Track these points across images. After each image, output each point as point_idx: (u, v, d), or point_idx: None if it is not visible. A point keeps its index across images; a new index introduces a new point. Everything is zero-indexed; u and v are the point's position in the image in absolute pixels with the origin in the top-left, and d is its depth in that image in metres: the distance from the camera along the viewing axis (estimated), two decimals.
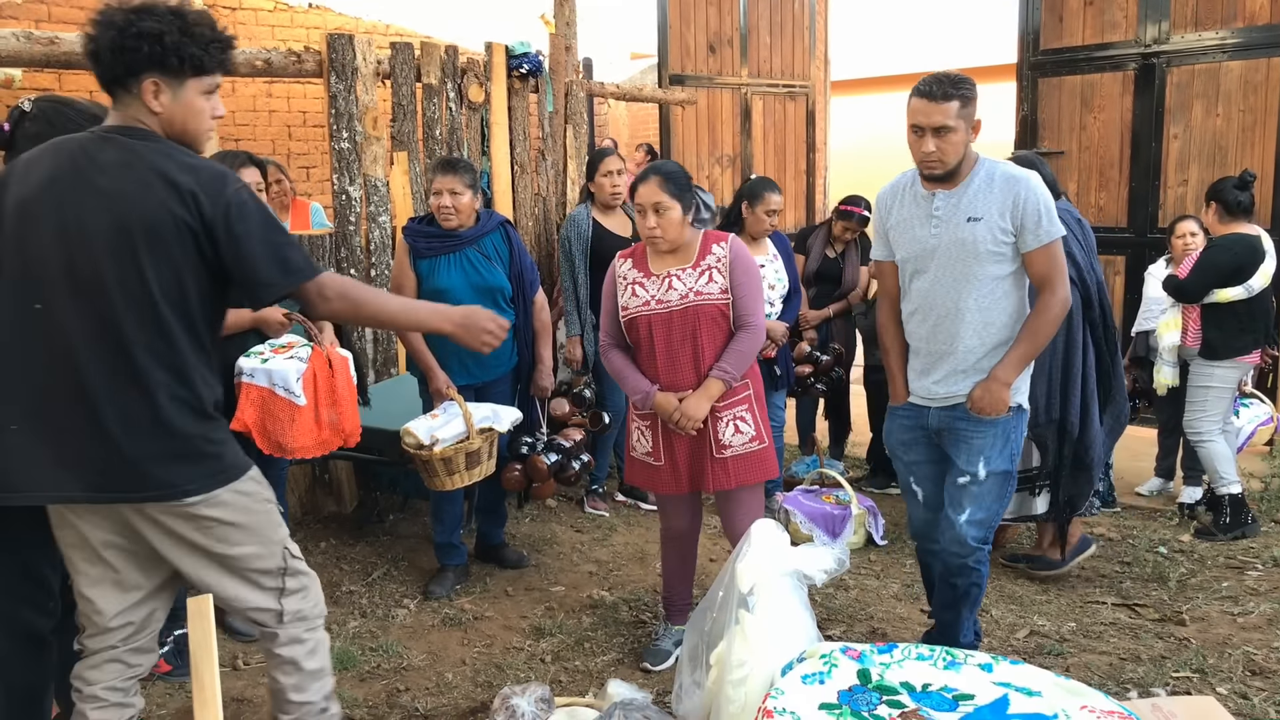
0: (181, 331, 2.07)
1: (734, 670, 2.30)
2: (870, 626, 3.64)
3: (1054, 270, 2.83)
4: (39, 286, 2.03)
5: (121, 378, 2.03)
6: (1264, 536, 4.48)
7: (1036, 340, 2.88)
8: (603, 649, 3.45)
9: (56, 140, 2.11)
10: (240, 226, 2.05)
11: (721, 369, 3.06)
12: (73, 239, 2.01)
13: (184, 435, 2.08)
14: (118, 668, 2.23)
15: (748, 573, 2.38)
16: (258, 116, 8.04)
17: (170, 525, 2.11)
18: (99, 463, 2.04)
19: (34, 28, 6.31)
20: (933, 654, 2.19)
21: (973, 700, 2.01)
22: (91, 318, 2.02)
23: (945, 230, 2.86)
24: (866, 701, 2.01)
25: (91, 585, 2.16)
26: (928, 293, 2.93)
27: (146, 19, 2.01)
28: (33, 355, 2.04)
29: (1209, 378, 4.53)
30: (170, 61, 2.03)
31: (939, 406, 2.98)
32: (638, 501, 5.00)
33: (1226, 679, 3.17)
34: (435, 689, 3.19)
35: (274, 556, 2.26)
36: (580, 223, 4.67)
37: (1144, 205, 6.42)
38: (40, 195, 2.04)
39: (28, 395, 2.05)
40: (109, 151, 2.04)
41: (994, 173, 2.85)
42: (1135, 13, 6.32)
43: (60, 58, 3.69)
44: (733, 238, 3.18)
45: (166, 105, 2.07)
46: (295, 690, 2.31)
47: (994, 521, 3.00)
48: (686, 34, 7.08)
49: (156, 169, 2.02)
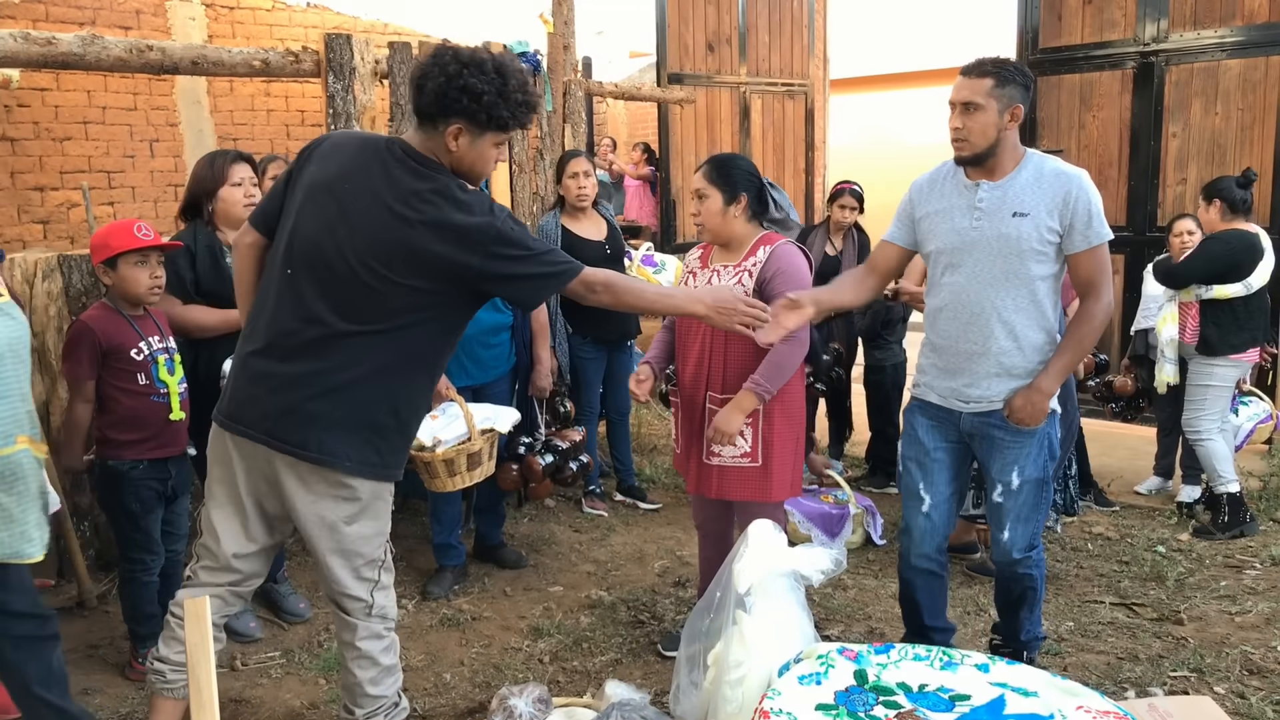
0: (403, 344, 2.29)
1: (731, 671, 2.31)
2: (869, 626, 3.64)
3: (1100, 274, 2.72)
4: (296, 257, 2.28)
5: (337, 363, 2.26)
6: (1262, 535, 4.48)
7: (1082, 348, 2.78)
8: (601, 649, 3.45)
9: (367, 138, 2.38)
10: (501, 268, 2.26)
11: (754, 381, 2.92)
12: (343, 236, 2.23)
13: (366, 424, 2.30)
14: (219, 604, 2.46)
15: (745, 573, 2.38)
16: (256, 116, 8.04)
17: (314, 487, 2.31)
18: (283, 414, 2.27)
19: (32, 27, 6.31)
20: (929, 654, 2.19)
21: (969, 700, 2.01)
22: (335, 302, 2.25)
23: (988, 223, 2.73)
24: (863, 702, 2.01)
25: (222, 520, 2.41)
26: (962, 289, 2.79)
27: (474, 76, 2.21)
28: (276, 309, 2.30)
29: (1208, 376, 4.52)
30: (480, 117, 2.25)
31: (971, 411, 2.84)
32: (636, 501, 5.00)
33: (1224, 678, 3.18)
34: (433, 689, 3.19)
35: (379, 548, 2.45)
36: (548, 232, 4.63)
37: (1143, 204, 6.42)
38: (330, 183, 2.28)
39: (264, 339, 2.31)
40: (400, 172, 2.26)
41: (1043, 167, 2.73)
42: (1134, 11, 6.32)
43: (58, 58, 3.68)
44: (781, 244, 3.01)
45: (463, 149, 2.29)
46: (372, 684, 2.46)
47: (1038, 528, 2.90)
48: (685, 33, 7.07)
49: (432, 206, 2.23)
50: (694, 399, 3.12)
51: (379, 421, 2.32)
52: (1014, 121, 2.70)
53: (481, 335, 3.83)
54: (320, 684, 3.21)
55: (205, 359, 3.31)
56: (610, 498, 5.04)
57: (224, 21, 7.82)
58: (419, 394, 2.41)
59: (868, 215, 5.44)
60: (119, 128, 7.43)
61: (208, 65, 4.14)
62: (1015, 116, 2.70)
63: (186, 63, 4.06)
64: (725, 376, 3.03)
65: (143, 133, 7.56)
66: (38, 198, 7.09)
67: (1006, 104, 2.68)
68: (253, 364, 2.33)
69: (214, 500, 2.44)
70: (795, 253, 3.03)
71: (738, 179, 3.01)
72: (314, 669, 3.31)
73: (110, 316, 2.98)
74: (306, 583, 3.93)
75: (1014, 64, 2.71)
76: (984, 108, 2.68)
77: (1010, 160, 2.75)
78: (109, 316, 2.98)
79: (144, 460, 3.04)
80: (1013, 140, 2.74)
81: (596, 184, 4.69)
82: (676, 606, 3.79)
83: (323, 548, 2.38)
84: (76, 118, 7.20)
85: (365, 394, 2.29)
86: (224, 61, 4.17)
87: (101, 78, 7.24)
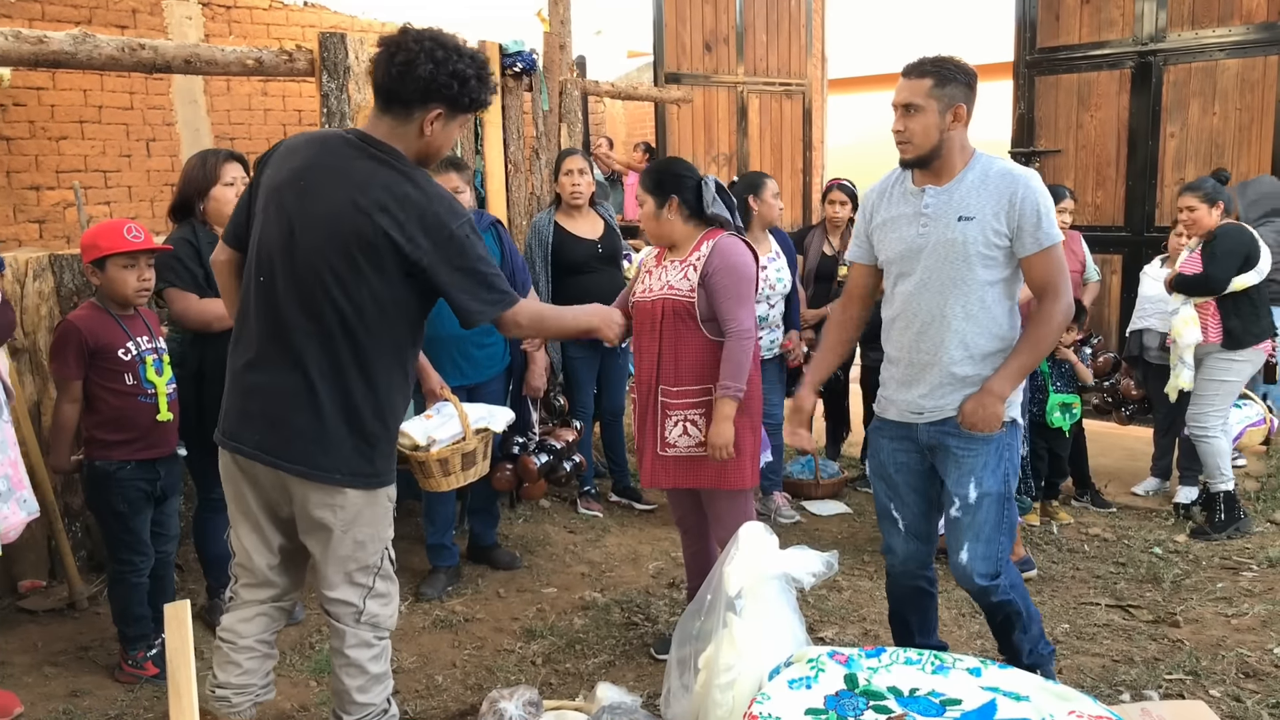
0: (379, 340, 2.28)
1: (721, 674, 2.29)
2: (863, 629, 3.62)
3: (1056, 276, 2.63)
4: (264, 264, 2.27)
5: (317, 368, 2.25)
6: (1259, 537, 4.47)
7: (1038, 351, 2.68)
8: (594, 651, 3.43)
9: (321, 135, 2.35)
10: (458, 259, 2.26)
11: (722, 386, 2.99)
12: (300, 234, 2.22)
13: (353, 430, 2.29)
14: (265, 621, 2.52)
15: (735, 576, 2.37)
16: (253, 115, 8.02)
17: (308, 495, 2.32)
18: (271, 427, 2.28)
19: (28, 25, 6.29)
20: (921, 658, 2.18)
21: (960, 705, 2.00)
22: (303, 304, 2.23)
23: (934, 229, 2.66)
24: (853, 707, 2.00)
25: (246, 536, 2.45)
26: (912, 297, 2.72)
27: (460, 61, 2.24)
28: (259, 321, 2.29)
29: (1225, 371, 4.46)
30: (463, 101, 2.27)
31: (927, 422, 2.75)
32: (632, 502, 4.99)
33: (1220, 681, 3.16)
34: (425, 692, 3.18)
35: (375, 554, 2.45)
36: (541, 229, 4.64)
37: (1141, 204, 6.41)
38: (288, 184, 2.26)
39: (251, 352, 2.30)
40: (360, 163, 2.23)
41: (990, 169, 2.65)
42: (1132, 11, 6.31)
43: (49, 56, 3.66)
44: (720, 238, 3.09)
45: (435, 133, 2.29)
46: (359, 692, 2.46)
47: (1000, 553, 2.73)
48: (682, 32, 7.06)
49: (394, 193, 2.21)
50: (649, 392, 3.17)
51: (366, 429, 2.31)
52: (957, 121, 2.63)
53: (475, 335, 3.82)
54: (311, 686, 3.20)
55: (211, 359, 3.29)
56: (605, 498, 5.02)
57: (221, 20, 7.80)
58: (398, 394, 2.39)
59: None
60: (115, 127, 7.42)
61: (200, 64, 4.12)
62: (959, 116, 2.62)
63: (179, 61, 4.04)
64: (677, 371, 3.09)
65: (139, 132, 7.54)
66: (33, 197, 7.07)
67: (948, 104, 2.61)
68: (243, 378, 2.33)
69: (233, 518, 2.47)
70: (735, 244, 3.10)
71: (665, 182, 3.10)
72: (305, 671, 3.29)
73: (98, 316, 2.97)
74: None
75: (953, 62, 2.64)
76: (924, 109, 2.61)
77: (958, 162, 2.67)
78: (97, 316, 2.97)
79: (131, 461, 3.03)
80: (959, 141, 2.67)
81: (592, 182, 4.67)
82: (670, 608, 3.77)
83: (317, 552, 2.39)
84: (72, 117, 7.18)
85: (351, 400, 2.28)
86: (217, 60, 4.15)
87: (98, 77, 7.22)
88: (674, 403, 3.10)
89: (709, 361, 3.06)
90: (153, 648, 3.20)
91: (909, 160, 2.70)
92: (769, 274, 4.50)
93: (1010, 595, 2.78)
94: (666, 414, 3.11)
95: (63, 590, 3.72)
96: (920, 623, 3.04)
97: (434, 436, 3.35)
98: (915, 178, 2.74)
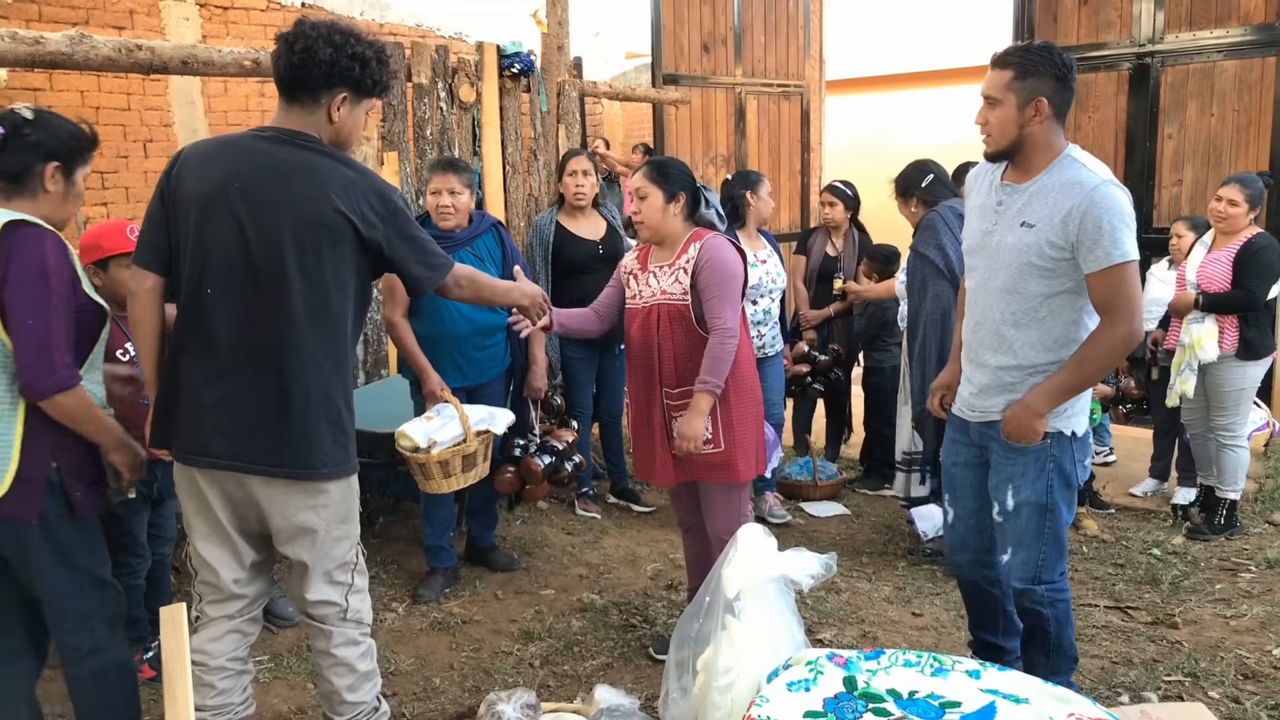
0: (344, 324, 2.32)
1: (720, 676, 2.28)
2: (861, 630, 3.61)
3: (1118, 298, 2.42)
4: (215, 275, 2.23)
5: (291, 363, 2.23)
6: (1257, 538, 4.47)
7: (1083, 371, 2.50)
8: (592, 653, 3.42)
9: (230, 138, 2.34)
10: (406, 229, 2.34)
11: (701, 381, 2.99)
12: (254, 233, 2.20)
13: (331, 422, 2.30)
14: (236, 638, 2.44)
15: (734, 578, 2.36)
16: (250, 116, 8.01)
17: (289, 500, 2.30)
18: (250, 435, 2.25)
19: (25, 27, 6.28)
20: (920, 660, 2.17)
21: (959, 708, 1.99)
22: (267, 304, 2.22)
23: (999, 230, 2.57)
24: (852, 709, 1.99)
25: (210, 551, 2.37)
26: (973, 294, 2.69)
27: (359, 44, 2.28)
28: (216, 332, 2.24)
29: (1241, 379, 4.40)
30: (365, 84, 2.31)
31: (978, 421, 2.74)
32: (630, 504, 4.98)
33: (1219, 683, 3.15)
34: (422, 694, 3.17)
35: (349, 550, 2.44)
36: (542, 229, 4.65)
37: (1139, 205, 6.35)
38: (221, 190, 2.22)
39: (210, 367, 2.26)
40: (289, 153, 2.25)
41: (1064, 175, 2.48)
42: (1130, 12, 6.31)
43: (45, 57, 3.65)
44: (709, 238, 3.08)
45: (343, 118, 2.32)
46: (349, 691, 2.45)
47: (1044, 561, 2.66)
48: (680, 33, 7.05)
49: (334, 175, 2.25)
50: (649, 398, 3.16)
51: (337, 416, 2.32)
52: (1039, 116, 2.47)
53: (476, 336, 3.81)
54: (308, 688, 3.18)
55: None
56: (603, 500, 5.02)
57: (218, 22, 7.80)
58: (351, 380, 2.43)
59: (866, 215, 5.44)
60: (112, 128, 7.40)
61: (198, 65, 4.11)
62: (1040, 111, 2.47)
63: (176, 62, 4.04)
64: (678, 374, 3.09)
65: (136, 133, 7.53)
66: None
67: (1028, 97, 2.46)
68: (205, 394, 2.26)
69: (197, 534, 2.39)
70: (723, 243, 3.09)
71: (675, 178, 3.09)
72: (302, 673, 3.28)
73: None
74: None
75: (1042, 52, 2.47)
76: (1001, 102, 2.49)
77: (1040, 161, 2.53)
78: None
79: None
80: (1043, 139, 2.51)
81: (596, 184, 4.68)
82: (669, 610, 3.77)
83: (301, 557, 2.37)
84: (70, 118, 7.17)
85: (322, 391, 2.28)
86: (214, 61, 4.15)
87: (95, 78, 7.21)
88: (677, 404, 3.10)
89: None
90: (149, 650, 3.19)
91: (989, 154, 2.61)
92: (769, 268, 4.50)
93: (1043, 607, 2.71)
94: (673, 416, 3.11)
95: None
96: (980, 617, 3.00)
97: (435, 438, 3.34)
98: (1005, 171, 2.64)
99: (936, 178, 4.03)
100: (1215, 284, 4.37)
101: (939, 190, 4.04)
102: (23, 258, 2.15)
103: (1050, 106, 2.47)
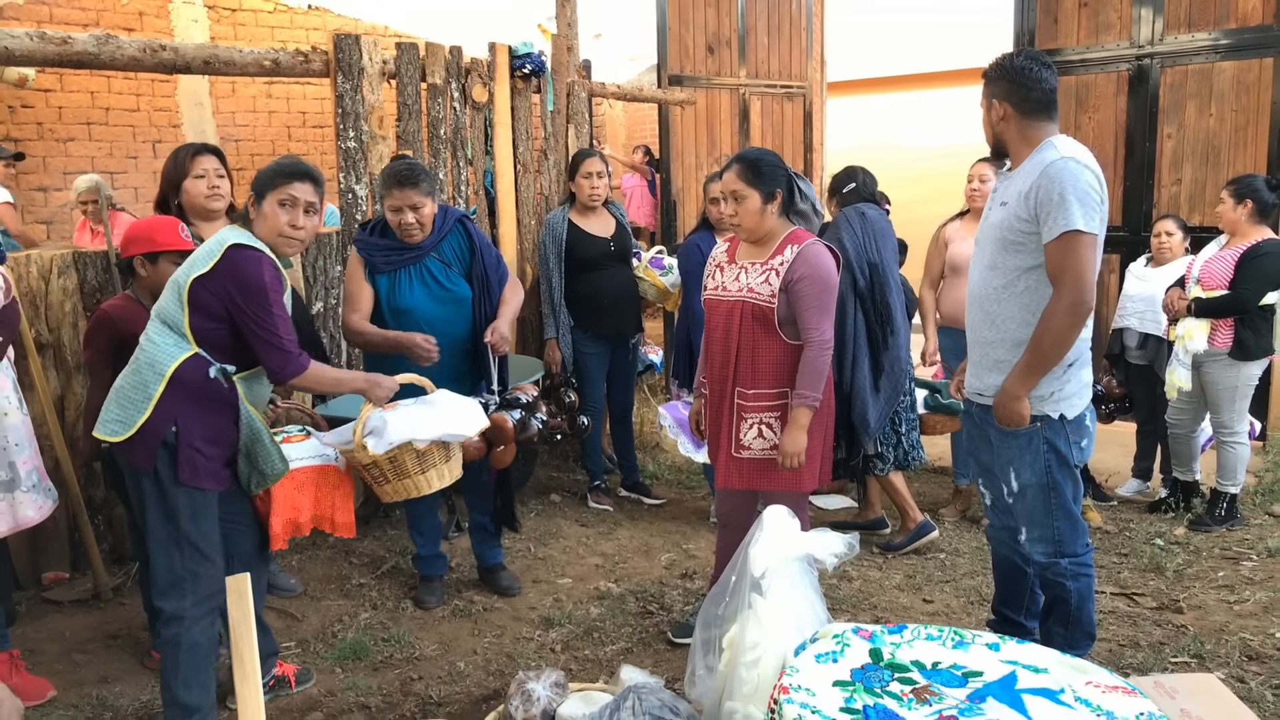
0: None
1: (747, 652, 2.36)
2: (874, 616, 3.69)
3: (1064, 269, 2.56)
4: None
5: None
6: (1258, 529, 4.55)
7: (1041, 348, 2.63)
8: (611, 639, 3.50)
9: None
10: None
11: (799, 394, 2.98)
12: None
13: None
14: None
15: (760, 557, 2.43)
16: (257, 117, 8.08)
17: None
18: None
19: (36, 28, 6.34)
20: (941, 634, 2.24)
21: (981, 676, 2.07)
22: None
23: (991, 212, 2.83)
24: (879, 678, 2.06)
25: None
26: (971, 275, 2.92)
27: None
28: None
29: (1235, 378, 4.47)
30: None
31: (978, 404, 2.90)
32: (641, 497, 5.05)
33: (1224, 663, 3.24)
34: (448, 677, 3.24)
35: None
36: (555, 226, 4.72)
37: (1138, 204, 6.49)
38: None
39: None
40: None
41: (1036, 156, 2.69)
42: (1129, 14, 6.40)
43: (73, 57, 3.72)
44: (808, 245, 3.03)
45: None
46: None
47: (1060, 536, 2.80)
48: (685, 35, 7.13)
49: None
50: (722, 393, 3.16)
51: None
52: (1004, 118, 2.75)
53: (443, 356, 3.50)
54: (337, 673, 3.25)
55: None
56: (615, 493, 5.09)
57: (226, 23, 7.86)
58: None
59: None
60: (122, 129, 7.47)
61: (220, 65, 4.18)
62: (1003, 112, 2.74)
63: (199, 62, 4.11)
64: (754, 374, 3.07)
65: (145, 134, 7.60)
66: (41, 198, 7.12)
67: (989, 102, 2.78)
68: None
69: None
70: (823, 253, 3.04)
71: (770, 175, 3.03)
72: (329, 658, 3.35)
73: (132, 307, 3.03)
74: (292, 570, 3.97)
75: (1001, 60, 2.76)
76: (983, 108, 2.81)
77: (1025, 152, 2.74)
78: (130, 307, 3.03)
79: None
80: (1016, 135, 2.75)
81: (609, 185, 4.77)
82: (684, 598, 3.84)
83: None
84: (80, 119, 7.23)
85: None
86: (235, 61, 4.22)
87: (105, 79, 7.27)
88: (750, 405, 3.08)
89: (786, 364, 3.04)
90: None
91: (992, 153, 2.92)
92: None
93: (1067, 579, 2.83)
94: (742, 416, 3.09)
95: (87, 582, 3.77)
96: (1006, 593, 3.08)
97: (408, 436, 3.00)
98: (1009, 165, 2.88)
99: (856, 187, 4.29)
100: (1215, 280, 4.45)
101: (852, 198, 4.28)
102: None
103: (1012, 106, 2.72)
